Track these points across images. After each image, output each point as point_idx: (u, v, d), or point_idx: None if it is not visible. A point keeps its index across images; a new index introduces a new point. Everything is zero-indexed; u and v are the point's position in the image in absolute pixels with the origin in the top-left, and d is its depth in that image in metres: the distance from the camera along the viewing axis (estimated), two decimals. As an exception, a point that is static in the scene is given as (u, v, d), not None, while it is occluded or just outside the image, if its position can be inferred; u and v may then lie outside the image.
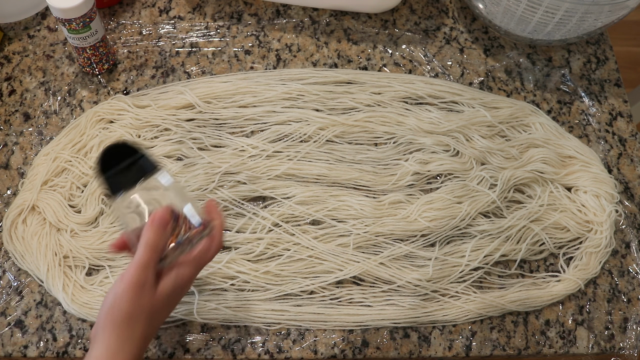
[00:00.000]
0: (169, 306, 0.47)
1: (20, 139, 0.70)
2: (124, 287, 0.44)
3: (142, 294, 0.44)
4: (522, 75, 0.78)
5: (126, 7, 0.80)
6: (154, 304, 0.45)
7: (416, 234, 0.65)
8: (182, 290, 0.48)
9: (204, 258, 0.49)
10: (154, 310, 0.45)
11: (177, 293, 0.47)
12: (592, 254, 0.65)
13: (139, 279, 0.44)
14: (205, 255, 0.48)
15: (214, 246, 0.49)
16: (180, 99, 0.71)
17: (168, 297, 0.46)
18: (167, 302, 0.46)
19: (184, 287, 0.48)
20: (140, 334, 0.44)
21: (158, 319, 0.47)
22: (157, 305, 0.45)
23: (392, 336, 0.62)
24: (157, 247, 0.46)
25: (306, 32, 0.79)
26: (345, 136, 0.70)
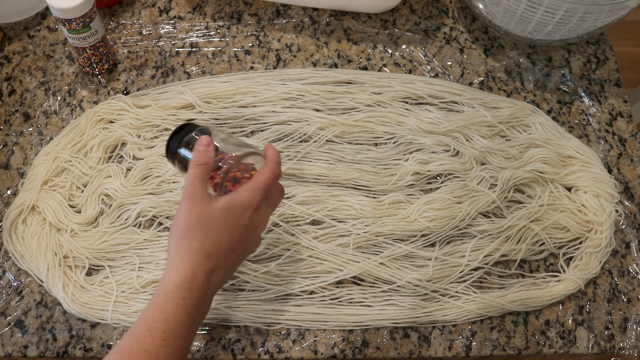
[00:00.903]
0: (227, 225, 0.48)
1: (20, 139, 0.70)
2: (179, 205, 0.47)
3: (193, 204, 0.47)
4: (522, 75, 0.78)
5: (126, 7, 0.80)
6: (207, 214, 0.47)
7: (416, 234, 0.65)
8: (242, 214, 0.48)
9: (262, 184, 0.49)
10: (209, 222, 0.47)
11: (236, 213, 0.48)
12: (592, 254, 0.65)
13: (189, 193, 0.47)
14: (263, 181, 0.50)
15: (271, 174, 0.50)
16: (180, 99, 0.71)
17: (222, 211, 0.47)
18: (223, 217, 0.47)
19: (243, 209, 0.48)
20: (198, 246, 0.46)
21: (217, 235, 0.47)
22: (211, 216, 0.47)
23: (392, 336, 0.62)
24: (199, 163, 0.48)
25: (306, 32, 0.79)
26: (345, 136, 0.70)
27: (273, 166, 0.51)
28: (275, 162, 0.52)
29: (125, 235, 0.63)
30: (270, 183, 0.50)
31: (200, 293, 0.46)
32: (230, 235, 0.48)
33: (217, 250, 0.47)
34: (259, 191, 0.49)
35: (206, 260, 0.46)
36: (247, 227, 0.49)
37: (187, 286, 0.45)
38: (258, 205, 0.49)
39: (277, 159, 0.52)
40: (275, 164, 0.51)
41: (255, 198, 0.49)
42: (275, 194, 0.52)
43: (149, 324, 0.44)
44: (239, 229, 0.48)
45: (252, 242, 0.51)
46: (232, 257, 0.49)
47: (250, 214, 0.49)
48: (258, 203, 0.49)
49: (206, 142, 0.50)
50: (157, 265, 0.62)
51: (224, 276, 0.49)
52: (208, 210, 0.47)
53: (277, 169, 0.51)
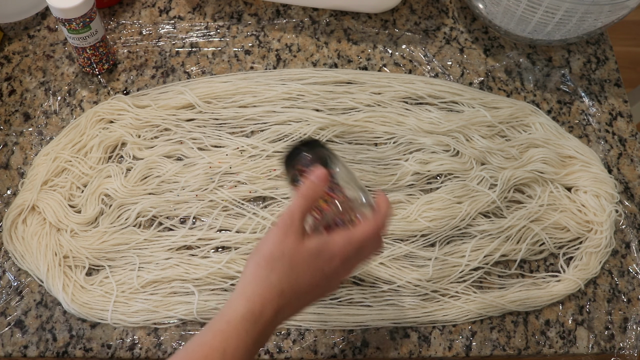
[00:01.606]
0: (310, 268, 0.45)
1: (20, 139, 0.70)
2: (271, 230, 0.45)
3: (286, 236, 0.44)
4: (522, 75, 0.78)
5: (126, 7, 0.80)
6: (295, 251, 0.44)
7: (416, 234, 0.65)
8: (329, 261, 0.45)
9: (360, 237, 0.46)
10: (294, 259, 0.44)
11: (323, 259, 0.45)
12: (592, 254, 0.65)
13: (285, 222, 0.45)
14: (362, 234, 0.46)
15: (374, 228, 0.47)
16: (180, 99, 0.71)
17: (311, 253, 0.45)
18: (309, 260, 0.45)
19: (331, 257, 0.45)
20: (276, 280, 0.44)
21: (298, 276, 0.44)
22: (298, 254, 0.44)
23: (392, 336, 0.62)
24: (307, 196, 0.46)
25: (306, 32, 0.79)
26: (345, 136, 0.70)
27: (379, 221, 0.47)
28: (383, 215, 0.48)
29: (125, 235, 0.63)
30: (370, 237, 0.47)
31: (264, 329, 0.43)
32: (310, 279, 0.45)
33: (293, 290, 0.44)
34: (355, 243, 0.46)
35: (279, 298, 0.44)
36: (329, 276, 0.46)
37: (253, 319, 0.43)
38: (348, 258, 0.46)
39: (386, 212, 0.48)
40: (382, 218, 0.48)
41: (348, 249, 0.46)
42: (370, 247, 0.48)
43: (206, 352, 0.41)
44: (321, 274, 0.45)
45: (329, 289, 0.48)
46: (306, 299, 0.46)
47: (337, 264, 0.46)
48: (349, 255, 0.46)
49: (322, 175, 0.47)
50: (157, 265, 0.62)
51: (290, 315, 0.46)
52: (297, 248, 0.44)
53: (383, 224, 0.47)
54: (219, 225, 0.64)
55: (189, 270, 0.62)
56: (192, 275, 0.62)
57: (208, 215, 0.65)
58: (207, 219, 0.65)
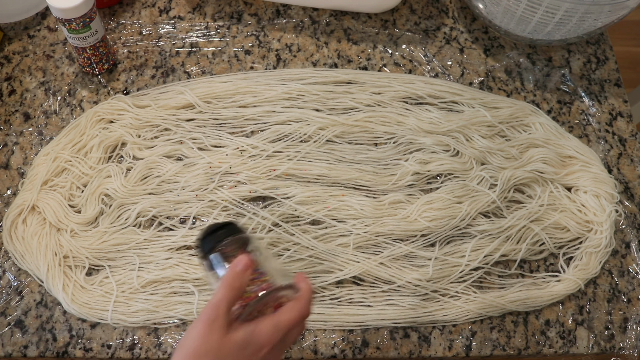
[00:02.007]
0: (238, 358, 0.44)
1: (20, 139, 0.70)
2: (195, 323, 0.44)
3: (211, 331, 0.43)
4: (522, 75, 0.78)
5: (126, 7, 0.80)
6: (221, 345, 0.43)
7: (416, 234, 0.65)
8: (257, 351, 0.45)
9: (287, 323, 0.46)
10: (221, 354, 0.43)
11: (251, 350, 0.45)
12: (592, 254, 0.65)
13: (209, 316, 0.44)
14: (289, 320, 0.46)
15: (299, 314, 0.46)
16: (180, 99, 0.71)
17: (238, 346, 0.44)
18: (236, 353, 0.44)
19: (259, 347, 0.45)
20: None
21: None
22: (224, 349, 0.43)
23: (392, 336, 0.62)
24: (232, 287, 0.45)
25: (306, 32, 0.79)
26: (345, 136, 0.70)
27: (303, 306, 0.47)
28: (307, 300, 0.47)
29: (125, 235, 0.63)
30: (295, 323, 0.46)
31: None
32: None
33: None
34: (281, 330, 0.46)
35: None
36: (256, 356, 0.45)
37: None
38: (274, 345, 0.45)
39: (309, 297, 0.48)
40: (306, 303, 0.47)
41: (275, 337, 0.45)
42: (295, 332, 0.48)
43: None
44: None
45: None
46: None
47: (265, 353, 0.45)
48: (275, 343, 0.45)
49: (248, 263, 0.46)
50: (157, 265, 0.62)
51: None
52: (223, 342, 0.43)
53: (307, 309, 0.47)
54: (219, 225, 0.64)
55: (189, 270, 0.62)
56: (192, 275, 0.62)
57: (208, 215, 0.65)
58: (207, 219, 0.65)
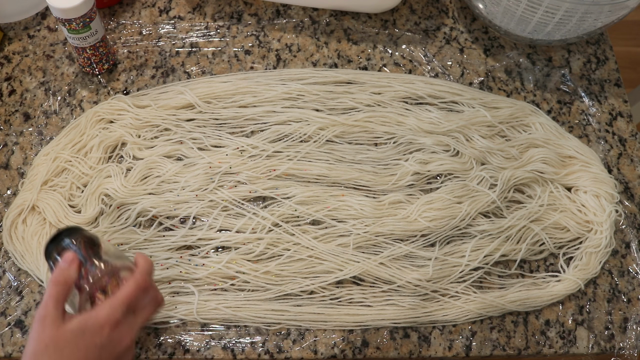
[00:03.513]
0: (80, 347, 0.44)
1: (20, 139, 0.70)
2: (31, 325, 0.44)
3: (43, 329, 0.44)
4: (522, 75, 0.78)
5: (126, 7, 0.80)
6: (57, 338, 0.44)
7: (416, 234, 0.65)
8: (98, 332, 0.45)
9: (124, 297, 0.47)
10: (59, 346, 0.44)
11: (91, 333, 0.45)
12: (592, 254, 0.65)
13: (40, 316, 0.45)
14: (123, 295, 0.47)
15: (134, 285, 0.48)
16: (180, 99, 0.71)
17: (74, 334, 0.44)
18: (75, 340, 0.44)
19: (99, 328, 0.45)
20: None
21: (65, 357, 0.44)
22: (61, 340, 0.44)
23: (392, 336, 0.62)
24: (57, 282, 0.46)
25: (306, 32, 0.79)
26: (345, 136, 0.70)
27: (138, 277, 0.49)
28: (142, 272, 0.49)
29: (125, 235, 0.63)
30: (133, 296, 0.48)
31: None
32: (84, 357, 0.44)
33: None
34: (119, 306, 0.46)
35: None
36: (104, 347, 0.46)
37: None
38: (117, 321, 0.46)
39: (145, 268, 0.49)
40: (140, 275, 0.49)
41: (114, 314, 0.46)
42: (146, 305, 0.50)
43: None
44: (95, 350, 0.45)
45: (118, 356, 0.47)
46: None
47: (108, 333, 0.46)
48: (117, 319, 0.46)
49: (69, 258, 0.48)
50: (157, 265, 0.62)
51: None
52: (59, 334, 0.44)
53: (143, 280, 0.49)
54: (219, 225, 0.64)
55: (189, 270, 0.62)
56: (192, 275, 0.62)
57: (208, 215, 0.65)
58: (207, 219, 0.65)
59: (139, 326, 0.49)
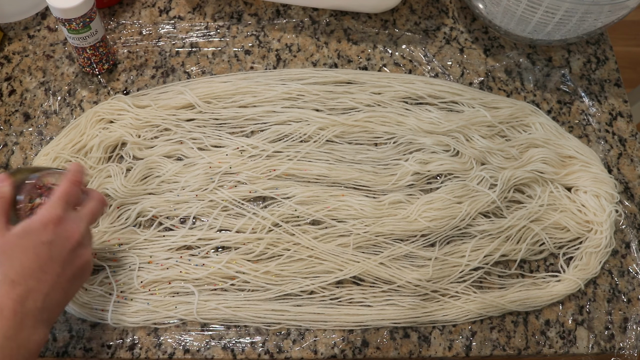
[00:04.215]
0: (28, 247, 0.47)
1: (20, 139, 0.70)
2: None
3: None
4: (522, 75, 0.78)
5: (126, 7, 0.80)
6: (3, 243, 0.46)
7: (416, 234, 0.65)
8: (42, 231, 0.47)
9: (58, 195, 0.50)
10: (7, 249, 0.46)
11: (35, 233, 0.47)
12: (592, 254, 0.65)
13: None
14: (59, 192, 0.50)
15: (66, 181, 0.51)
16: (180, 99, 0.71)
17: (20, 237, 0.47)
18: (20, 242, 0.47)
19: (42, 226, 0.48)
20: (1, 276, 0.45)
21: (19, 260, 0.46)
22: (7, 243, 0.46)
23: (392, 336, 0.62)
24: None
25: (306, 32, 0.79)
26: (345, 136, 0.70)
27: (70, 175, 0.52)
28: (73, 171, 0.52)
29: (125, 235, 0.63)
30: (68, 192, 0.50)
31: (12, 322, 0.44)
32: (34, 257, 0.46)
33: (22, 275, 0.45)
34: (56, 203, 0.49)
35: (12, 288, 0.45)
36: (53, 243, 0.48)
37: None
38: (59, 218, 0.48)
39: (75, 168, 0.52)
40: (72, 174, 0.52)
41: (53, 212, 0.48)
42: (88, 202, 0.53)
43: None
44: (43, 247, 0.47)
45: (71, 257, 0.49)
46: (48, 277, 0.47)
47: (52, 229, 0.48)
48: (59, 215, 0.49)
49: (2, 176, 0.50)
50: (157, 265, 0.62)
51: (47, 298, 0.47)
52: (5, 240, 0.46)
53: (75, 176, 0.52)
54: (219, 225, 0.64)
55: (189, 270, 0.62)
56: (192, 275, 0.62)
57: (208, 215, 0.65)
58: (207, 219, 0.65)
59: (84, 222, 0.51)
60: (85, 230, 0.51)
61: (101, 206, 0.54)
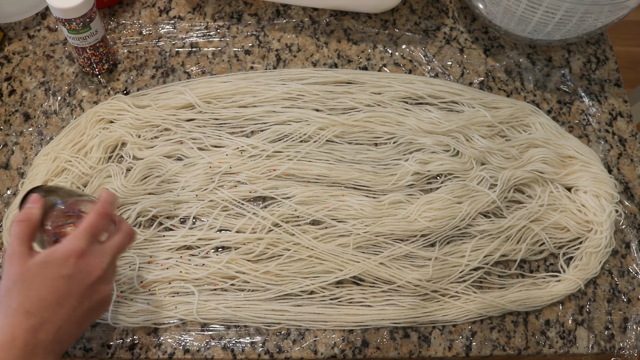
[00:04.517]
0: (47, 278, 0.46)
1: (20, 139, 0.70)
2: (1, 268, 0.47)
3: (11, 266, 0.46)
4: (522, 75, 0.78)
5: (126, 7, 0.80)
6: (23, 271, 0.46)
7: (416, 234, 0.65)
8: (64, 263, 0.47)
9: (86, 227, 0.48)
10: (26, 278, 0.46)
11: (56, 265, 0.46)
12: (592, 254, 0.65)
13: (8, 253, 0.47)
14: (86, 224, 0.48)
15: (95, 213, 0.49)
16: (180, 99, 0.71)
17: (41, 267, 0.46)
18: (40, 272, 0.46)
19: (64, 259, 0.47)
20: (16, 304, 0.45)
21: (36, 290, 0.45)
22: (27, 272, 0.46)
23: (392, 336, 0.62)
24: (21, 220, 0.48)
25: (306, 32, 0.79)
26: (345, 136, 0.70)
27: (99, 207, 0.50)
28: (103, 202, 0.50)
29: (125, 235, 0.63)
30: (95, 224, 0.49)
31: (22, 352, 0.43)
32: (52, 289, 0.46)
33: (38, 306, 0.45)
34: (82, 236, 0.48)
35: (27, 319, 0.44)
36: (72, 277, 0.47)
37: (6, 347, 0.43)
38: (83, 251, 0.47)
39: (106, 198, 0.51)
40: (102, 204, 0.50)
41: (78, 244, 0.47)
42: (114, 234, 0.51)
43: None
44: (62, 280, 0.46)
45: (90, 292, 0.48)
46: (63, 310, 0.46)
47: (74, 263, 0.47)
48: (82, 249, 0.47)
49: (32, 199, 0.49)
50: (157, 265, 0.62)
51: (60, 330, 0.46)
52: (25, 268, 0.46)
53: (103, 207, 0.50)
54: (219, 225, 0.64)
55: (189, 270, 0.62)
56: (192, 275, 0.62)
57: (208, 215, 0.65)
58: (207, 219, 0.65)
59: (108, 256, 0.49)
60: (108, 265, 0.49)
61: (129, 240, 0.52)
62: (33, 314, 0.45)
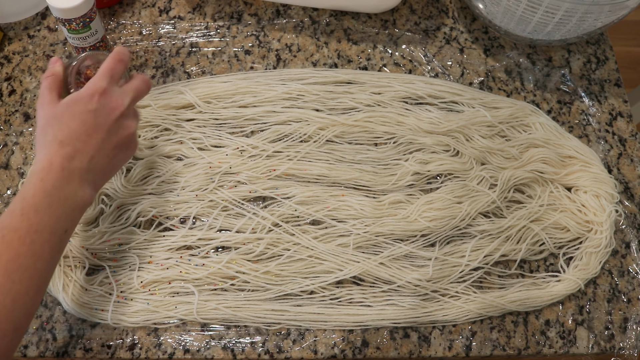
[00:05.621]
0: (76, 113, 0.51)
1: (20, 139, 0.70)
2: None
3: (42, 109, 0.53)
4: (522, 75, 0.78)
5: (126, 7, 0.80)
6: (54, 111, 0.52)
7: (416, 234, 0.65)
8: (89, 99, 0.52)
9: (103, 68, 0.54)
10: (56, 117, 0.51)
11: (83, 102, 0.52)
12: (592, 254, 0.65)
13: (39, 102, 0.53)
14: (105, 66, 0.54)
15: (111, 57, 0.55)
16: (180, 99, 0.71)
17: (69, 105, 0.52)
18: (69, 108, 0.52)
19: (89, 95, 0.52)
20: (51, 138, 0.50)
21: (67, 124, 0.51)
22: (58, 110, 0.52)
23: (392, 336, 0.62)
24: (47, 76, 0.55)
25: (306, 32, 0.79)
26: (345, 136, 0.70)
27: (114, 54, 0.55)
28: (117, 50, 0.56)
29: (125, 235, 0.63)
30: (113, 67, 0.54)
31: (60, 175, 0.49)
32: (81, 122, 0.51)
33: (70, 137, 0.51)
34: (102, 76, 0.53)
35: (61, 148, 0.50)
36: (98, 111, 0.52)
37: (44, 171, 0.49)
38: (104, 89, 0.53)
39: (120, 49, 0.56)
40: (117, 52, 0.56)
41: (100, 83, 0.53)
42: (132, 80, 0.56)
43: (10, 209, 0.48)
44: (89, 114, 0.52)
45: (116, 127, 0.54)
46: (93, 141, 0.52)
47: (98, 99, 0.52)
48: (104, 87, 0.53)
49: (52, 61, 0.56)
50: (157, 265, 0.62)
51: (92, 160, 0.52)
52: (55, 108, 0.52)
53: (121, 53, 0.56)
54: (219, 225, 0.64)
55: (189, 270, 0.62)
56: (192, 275, 0.62)
57: (208, 215, 0.65)
58: (207, 219, 0.65)
59: (129, 97, 0.55)
60: (129, 104, 0.55)
61: (145, 85, 0.57)
62: (66, 144, 0.50)
